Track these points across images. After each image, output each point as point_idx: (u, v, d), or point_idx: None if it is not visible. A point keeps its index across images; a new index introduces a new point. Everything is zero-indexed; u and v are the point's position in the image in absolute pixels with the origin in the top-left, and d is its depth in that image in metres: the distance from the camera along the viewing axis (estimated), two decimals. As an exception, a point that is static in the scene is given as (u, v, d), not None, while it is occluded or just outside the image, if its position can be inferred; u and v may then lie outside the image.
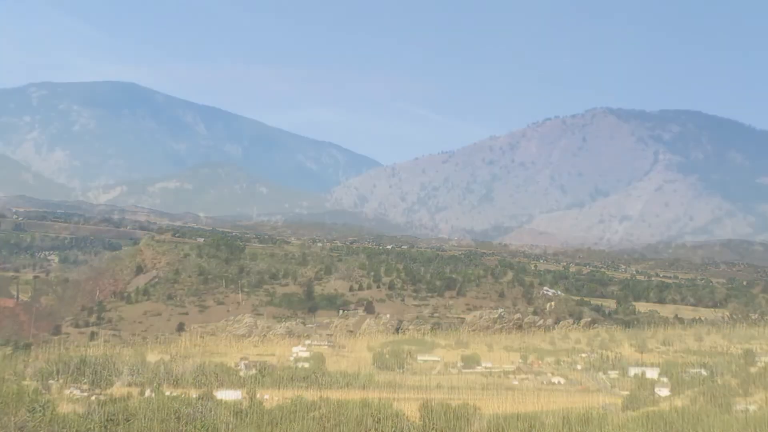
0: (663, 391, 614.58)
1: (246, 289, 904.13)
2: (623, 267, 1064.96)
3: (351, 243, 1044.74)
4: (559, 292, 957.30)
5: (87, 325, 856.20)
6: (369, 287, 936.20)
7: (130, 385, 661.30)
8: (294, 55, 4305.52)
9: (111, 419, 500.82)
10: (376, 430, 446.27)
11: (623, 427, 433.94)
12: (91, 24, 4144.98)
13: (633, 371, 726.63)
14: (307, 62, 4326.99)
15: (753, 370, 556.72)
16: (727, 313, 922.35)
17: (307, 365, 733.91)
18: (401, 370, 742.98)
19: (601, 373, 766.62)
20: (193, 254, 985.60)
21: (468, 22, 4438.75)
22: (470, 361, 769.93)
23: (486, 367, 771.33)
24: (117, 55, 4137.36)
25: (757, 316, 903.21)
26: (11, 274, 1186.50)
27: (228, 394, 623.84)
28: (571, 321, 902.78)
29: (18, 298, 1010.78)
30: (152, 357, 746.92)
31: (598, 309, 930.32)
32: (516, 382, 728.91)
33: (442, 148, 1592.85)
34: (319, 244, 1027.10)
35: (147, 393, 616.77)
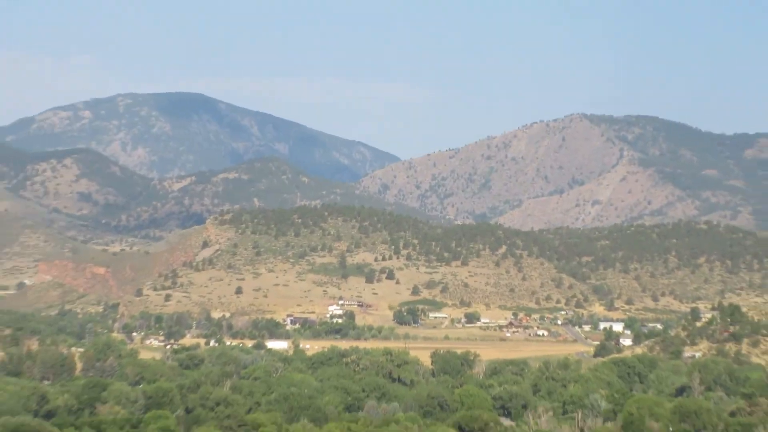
0: (626, 342, 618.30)
1: (291, 260, 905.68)
2: (597, 242, 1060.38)
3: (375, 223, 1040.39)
4: (544, 263, 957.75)
5: (163, 288, 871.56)
6: (390, 258, 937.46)
7: (198, 336, 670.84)
8: (330, 66, 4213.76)
9: (183, 363, 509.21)
10: (396, 372, 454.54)
11: (594, 370, 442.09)
12: (164, 43, 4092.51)
13: (602, 325, 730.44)
14: (340, 72, 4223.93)
15: (698, 324, 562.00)
16: (678, 279, 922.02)
17: (340, 321, 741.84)
18: (416, 325, 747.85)
19: (576, 327, 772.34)
20: (248, 231, 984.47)
21: (472, 38, 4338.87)
22: (471, 318, 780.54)
23: (484, 323, 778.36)
24: (187, 69, 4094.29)
25: (702, 281, 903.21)
26: (102, 247, 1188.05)
27: (276, 344, 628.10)
28: (553, 285, 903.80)
29: (108, 267, 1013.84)
30: (215, 314, 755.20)
31: (575, 274, 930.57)
32: (508, 335, 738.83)
33: (449, 146, 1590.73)
34: (350, 224, 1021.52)
35: (211, 343, 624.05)
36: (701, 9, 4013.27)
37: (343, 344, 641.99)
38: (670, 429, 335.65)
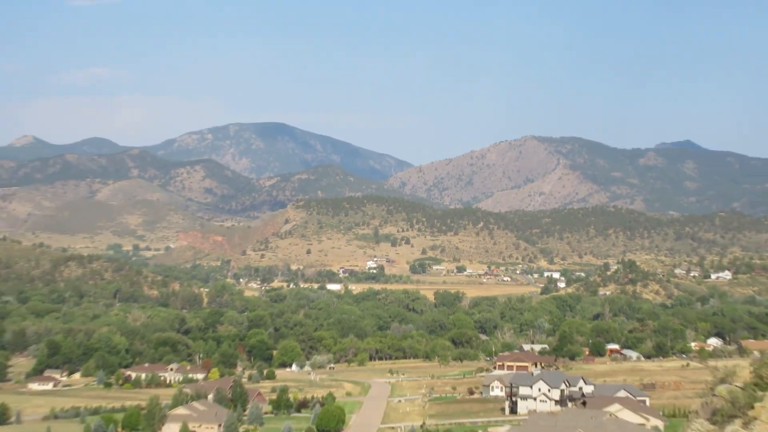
0: (561, 284, 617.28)
1: (342, 231, 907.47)
2: (542, 219, 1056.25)
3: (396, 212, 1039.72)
4: (508, 233, 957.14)
5: (259, 250, 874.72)
6: (407, 230, 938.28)
7: (282, 281, 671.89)
8: (367, 104, 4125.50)
9: (272, 298, 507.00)
10: (411, 304, 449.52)
11: (540, 303, 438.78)
12: (260, 88, 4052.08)
13: (546, 274, 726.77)
14: (374, 108, 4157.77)
15: (608, 273, 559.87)
16: (595, 244, 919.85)
17: (374, 271, 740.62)
18: (424, 274, 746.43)
19: (529, 275, 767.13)
20: (314, 213, 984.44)
21: (461, 81, 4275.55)
22: (460, 269, 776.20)
23: (468, 273, 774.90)
24: (275, 106, 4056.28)
25: (610, 245, 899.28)
26: (220, 223, 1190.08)
27: (333, 286, 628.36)
28: (513, 248, 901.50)
29: (224, 236, 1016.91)
30: (293, 267, 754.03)
31: (528, 241, 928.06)
32: (484, 280, 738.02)
33: (446, 156, 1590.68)
34: (381, 208, 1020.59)
35: (291, 285, 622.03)
36: (609, 58, 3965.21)
37: (377, 286, 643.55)
38: (590, 340, 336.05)
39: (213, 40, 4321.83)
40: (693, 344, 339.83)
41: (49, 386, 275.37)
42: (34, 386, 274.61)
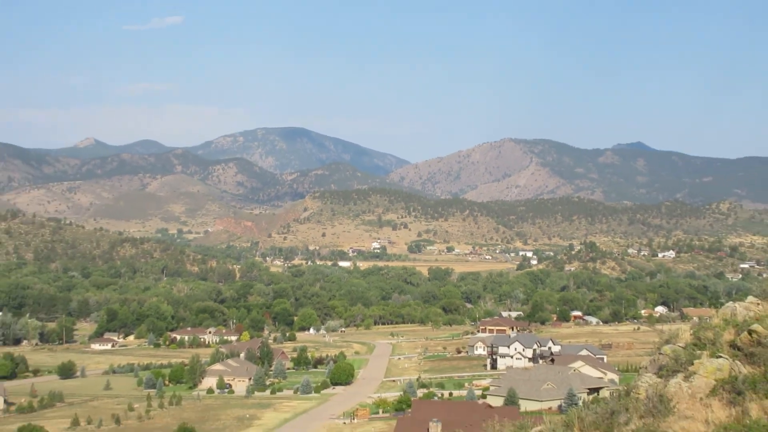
0: (534, 262, 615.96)
1: (351, 218, 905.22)
2: (517, 208, 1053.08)
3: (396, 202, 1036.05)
4: (489, 219, 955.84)
5: (282, 233, 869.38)
6: (405, 216, 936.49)
7: (301, 259, 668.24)
8: (373, 113, 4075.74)
9: (293, 273, 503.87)
10: (409, 278, 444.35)
11: (516, 277, 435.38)
12: (282, 97, 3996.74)
13: (521, 253, 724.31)
14: (379, 115, 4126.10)
15: (573, 252, 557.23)
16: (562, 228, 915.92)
17: (378, 251, 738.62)
18: (419, 253, 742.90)
19: (507, 254, 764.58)
20: (328, 202, 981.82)
21: (451, 93, 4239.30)
22: (450, 250, 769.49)
23: (456, 252, 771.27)
24: (295, 112, 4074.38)
25: (574, 229, 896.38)
26: (249, 211, 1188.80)
27: (344, 263, 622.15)
28: (494, 231, 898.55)
29: (253, 221, 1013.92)
30: (311, 247, 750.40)
31: (506, 225, 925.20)
32: (470, 259, 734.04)
33: (438, 155, 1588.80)
34: (383, 198, 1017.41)
35: (309, 263, 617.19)
36: (574, 71, 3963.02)
37: (380, 263, 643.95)
38: (557, 308, 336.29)
39: (243, 57, 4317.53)
40: (643, 311, 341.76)
41: (108, 346, 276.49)
42: (96, 346, 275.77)
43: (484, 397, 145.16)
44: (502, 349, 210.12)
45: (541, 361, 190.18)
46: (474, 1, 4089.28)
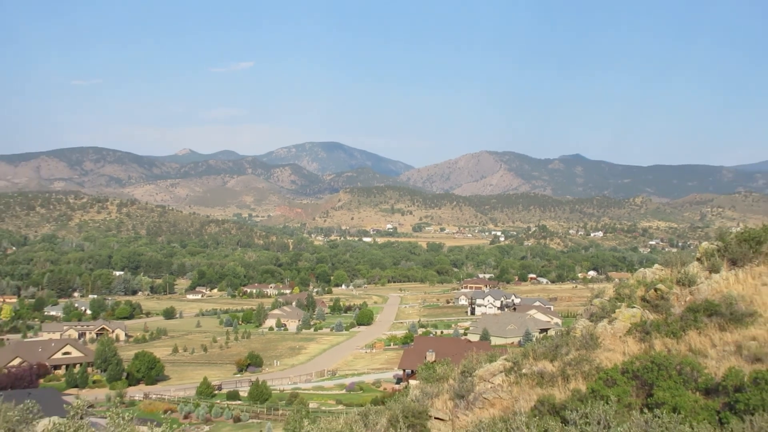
0: (502, 239, 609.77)
1: (372, 207, 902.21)
2: (490, 200, 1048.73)
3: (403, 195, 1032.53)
4: (471, 208, 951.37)
5: (323, 216, 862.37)
6: (410, 206, 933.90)
7: (336, 235, 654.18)
8: (385, 132, 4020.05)
9: (330, 246, 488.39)
10: (413, 250, 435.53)
11: (489, 250, 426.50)
12: (324, 116, 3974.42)
13: (493, 233, 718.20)
14: (391, 134, 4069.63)
15: (530, 232, 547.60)
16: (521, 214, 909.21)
17: (391, 230, 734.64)
18: (421, 232, 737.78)
19: (483, 233, 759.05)
20: (356, 195, 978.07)
21: (443, 111, 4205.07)
22: (442, 230, 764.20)
23: (447, 231, 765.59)
24: (334, 130, 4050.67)
25: (532, 215, 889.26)
26: (299, 201, 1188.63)
27: (367, 239, 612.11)
28: (474, 217, 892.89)
29: (301, 208, 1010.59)
30: (343, 227, 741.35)
31: (482, 212, 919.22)
32: (456, 236, 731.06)
33: (434, 162, 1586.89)
34: (395, 193, 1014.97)
35: (341, 238, 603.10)
36: (532, 100, 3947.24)
37: (392, 239, 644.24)
38: (519, 272, 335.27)
39: (295, 89, 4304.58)
40: (579, 274, 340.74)
41: (199, 296, 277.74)
42: (190, 296, 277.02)
43: (465, 334, 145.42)
44: (478, 301, 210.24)
45: (506, 309, 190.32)
46: (459, 37, 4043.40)
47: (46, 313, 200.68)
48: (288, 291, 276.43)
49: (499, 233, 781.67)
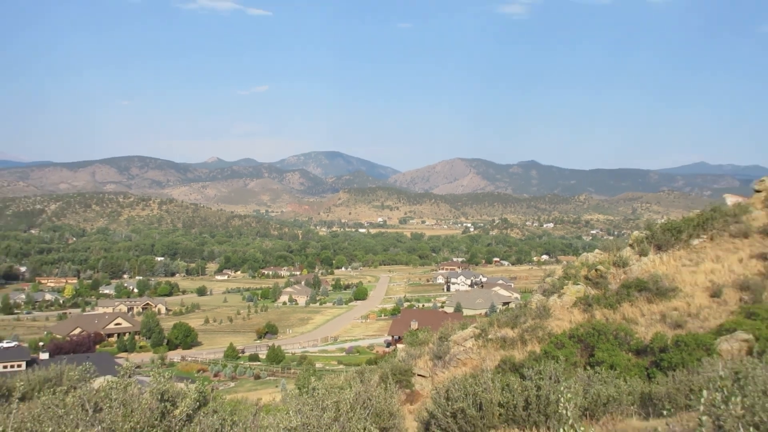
0: (472, 229, 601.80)
1: (366, 204, 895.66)
2: (462, 199, 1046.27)
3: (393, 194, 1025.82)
4: (447, 205, 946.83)
5: (326, 212, 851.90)
6: (397, 203, 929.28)
7: (337, 227, 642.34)
8: (376, 143, 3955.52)
9: (332, 236, 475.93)
10: (399, 239, 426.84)
11: (461, 238, 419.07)
12: (327, 130, 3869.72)
13: (464, 224, 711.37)
14: (383, 143, 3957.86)
15: (494, 224, 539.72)
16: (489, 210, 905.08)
17: (382, 222, 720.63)
18: (406, 224, 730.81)
19: (456, 225, 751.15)
20: (353, 195, 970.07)
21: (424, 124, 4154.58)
22: (423, 222, 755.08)
23: (427, 224, 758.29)
24: (335, 140, 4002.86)
25: (496, 210, 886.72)
26: (308, 199, 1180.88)
27: (362, 230, 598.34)
28: (449, 213, 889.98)
29: (309, 206, 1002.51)
30: (343, 220, 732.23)
31: (456, 208, 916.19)
32: (434, 228, 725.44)
33: (416, 167, 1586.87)
34: (384, 193, 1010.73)
35: (341, 230, 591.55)
36: (495, 115, 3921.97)
37: (383, 230, 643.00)
38: (485, 256, 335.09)
39: (304, 108, 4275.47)
40: (534, 258, 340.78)
41: (225, 277, 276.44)
42: (218, 277, 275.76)
43: (442, 307, 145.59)
44: (453, 280, 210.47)
45: (475, 287, 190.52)
46: (435, 63, 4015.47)
47: (100, 292, 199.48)
48: (298, 272, 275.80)
49: (469, 225, 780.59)
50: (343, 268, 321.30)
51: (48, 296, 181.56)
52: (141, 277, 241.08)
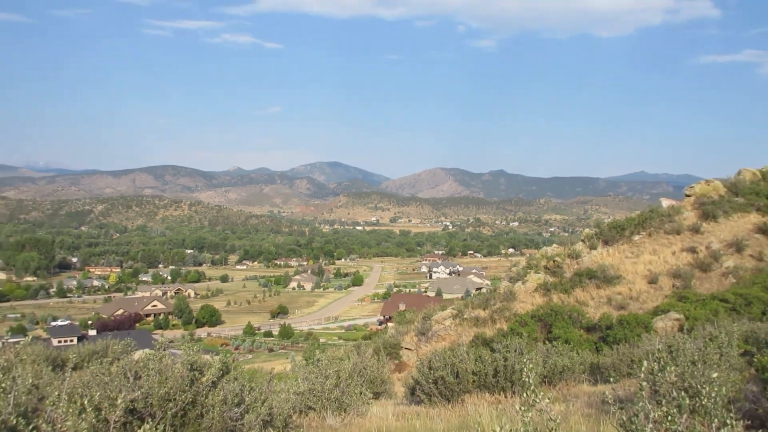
0: (450, 227, 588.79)
1: (363, 206, 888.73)
2: (442, 202, 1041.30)
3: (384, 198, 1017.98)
4: (431, 207, 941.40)
5: (328, 213, 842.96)
6: (389, 205, 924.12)
7: (338, 226, 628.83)
8: (370, 155, 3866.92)
9: (334, 232, 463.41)
10: (390, 235, 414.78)
11: (441, 235, 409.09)
12: (334, 144, 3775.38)
13: (444, 223, 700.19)
14: (378, 155, 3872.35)
15: (469, 223, 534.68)
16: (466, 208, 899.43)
17: (375, 221, 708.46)
18: (395, 223, 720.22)
19: (437, 224, 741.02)
20: (352, 198, 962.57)
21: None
22: (410, 221, 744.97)
23: (413, 223, 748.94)
24: (341, 153, 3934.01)
25: (471, 211, 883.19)
26: (314, 201, 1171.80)
27: (359, 228, 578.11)
28: (431, 214, 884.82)
29: (314, 207, 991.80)
30: (342, 219, 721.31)
31: (439, 210, 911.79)
32: (419, 226, 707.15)
33: (404, 175, 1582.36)
34: (378, 197, 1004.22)
35: (341, 227, 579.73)
36: (471, 130, 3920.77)
37: (376, 228, 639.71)
38: (461, 249, 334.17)
39: (311, 125, 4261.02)
40: (503, 251, 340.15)
41: (244, 267, 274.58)
42: (238, 267, 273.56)
43: (425, 291, 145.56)
44: (434, 269, 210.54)
45: (453, 275, 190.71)
46: (418, 90, 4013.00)
47: (140, 279, 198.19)
48: (305, 263, 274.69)
49: (448, 223, 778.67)
50: (342, 259, 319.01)
51: (95, 282, 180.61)
52: (173, 267, 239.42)
